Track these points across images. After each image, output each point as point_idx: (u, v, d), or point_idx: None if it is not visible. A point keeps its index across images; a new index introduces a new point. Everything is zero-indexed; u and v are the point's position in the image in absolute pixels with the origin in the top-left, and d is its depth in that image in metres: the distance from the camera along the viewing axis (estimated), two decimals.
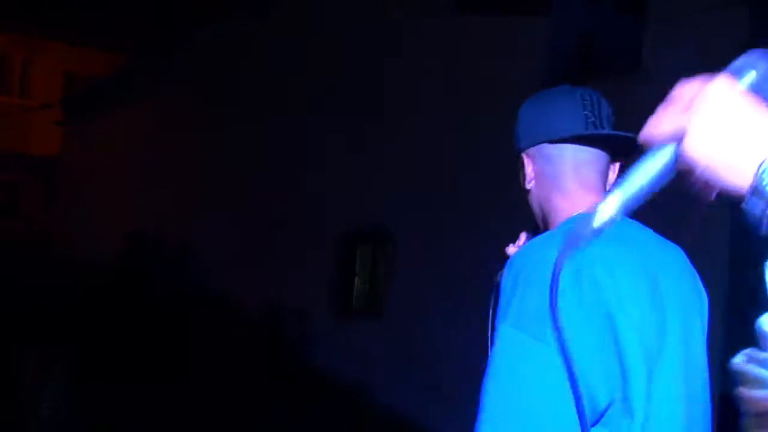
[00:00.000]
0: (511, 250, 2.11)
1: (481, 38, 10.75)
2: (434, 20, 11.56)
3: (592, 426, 1.68)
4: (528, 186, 2.00)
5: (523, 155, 2.01)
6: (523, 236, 2.16)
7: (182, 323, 13.79)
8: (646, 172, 1.19)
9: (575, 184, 1.97)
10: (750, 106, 1.12)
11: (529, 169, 1.99)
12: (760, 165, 1.06)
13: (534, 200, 2.02)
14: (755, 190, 1.07)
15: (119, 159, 21.21)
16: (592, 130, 1.96)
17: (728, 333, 7.63)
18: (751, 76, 1.18)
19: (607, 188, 1.97)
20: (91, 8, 21.40)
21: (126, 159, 20.88)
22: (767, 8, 8.20)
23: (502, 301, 1.75)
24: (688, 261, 2.01)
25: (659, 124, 1.18)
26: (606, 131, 1.97)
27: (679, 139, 1.14)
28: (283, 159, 14.33)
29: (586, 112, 1.98)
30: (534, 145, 1.99)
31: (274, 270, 13.89)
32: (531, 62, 10.02)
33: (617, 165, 2.04)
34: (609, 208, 1.18)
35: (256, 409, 10.93)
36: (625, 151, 1.97)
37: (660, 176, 1.19)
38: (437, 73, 11.35)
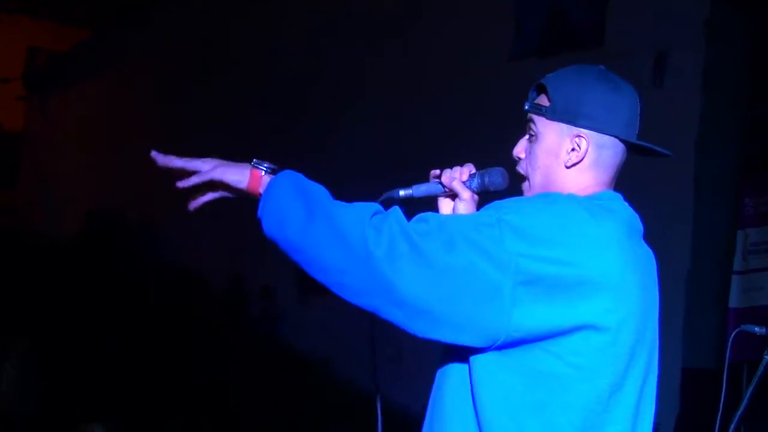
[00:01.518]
0: (456, 183, 2.12)
1: (448, 15, 10.71)
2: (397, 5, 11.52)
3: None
4: (568, 164, 1.97)
5: (581, 132, 1.97)
6: (463, 170, 2.17)
7: (146, 299, 13.70)
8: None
9: (608, 180, 2.02)
10: None
11: (581, 149, 1.97)
12: None
13: (557, 174, 1.99)
14: None
15: (82, 134, 21.01)
16: (655, 146, 2.02)
17: (688, 312, 7.70)
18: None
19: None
20: None
21: (89, 133, 20.69)
22: None
23: (513, 205, 1.85)
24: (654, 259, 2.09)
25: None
26: (667, 151, 2.05)
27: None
28: (247, 134, 14.24)
29: (637, 120, 2.05)
30: (602, 133, 1.98)
31: (240, 245, 13.82)
32: (499, 37, 10.01)
33: None
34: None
35: (221, 383, 10.91)
36: (643, 155, 2.07)
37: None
38: (403, 51, 11.30)
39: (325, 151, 11.84)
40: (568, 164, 1.95)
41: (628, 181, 2.08)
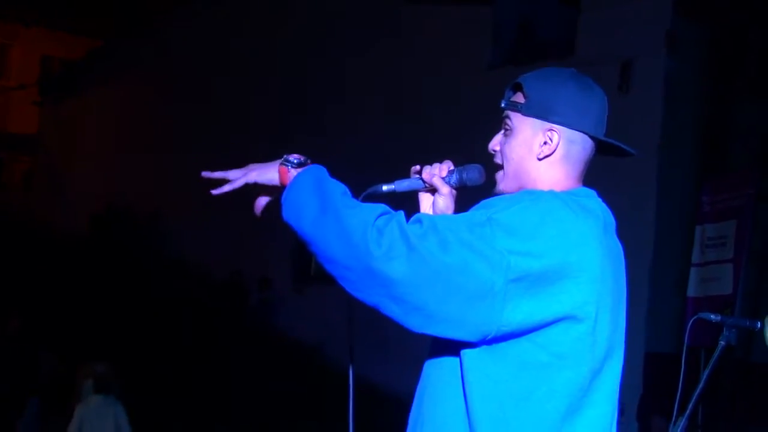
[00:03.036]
0: (436, 179, 2.12)
1: (428, 25, 10.69)
2: (381, 10, 11.49)
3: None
4: (540, 156, 1.97)
5: (551, 128, 1.97)
6: (443, 167, 2.17)
7: (151, 290, 13.65)
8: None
9: (578, 175, 2.02)
10: None
11: (553, 143, 1.97)
12: None
13: (531, 167, 1.99)
14: None
15: (94, 137, 20.92)
16: (620, 143, 2.03)
17: (651, 301, 7.72)
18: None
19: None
20: None
21: (100, 136, 20.61)
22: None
23: (501, 203, 1.86)
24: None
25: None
26: (630, 149, 2.05)
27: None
28: (248, 135, 14.21)
29: (605, 121, 2.05)
30: (572, 129, 1.98)
31: (239, 239, 13.79)
32: (474, 48, 10.00)
33: None
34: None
35: (221, 369, 10.88)
36: (608, 155, 2.07)
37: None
38: (387, 61, 11.28)
39: (312, 155, 11.80)
40: (540, 156, 1.96)
41: (595, 180, 2.07)
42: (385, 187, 2.17)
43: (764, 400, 7.22)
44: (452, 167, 2.15)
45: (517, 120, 2.00)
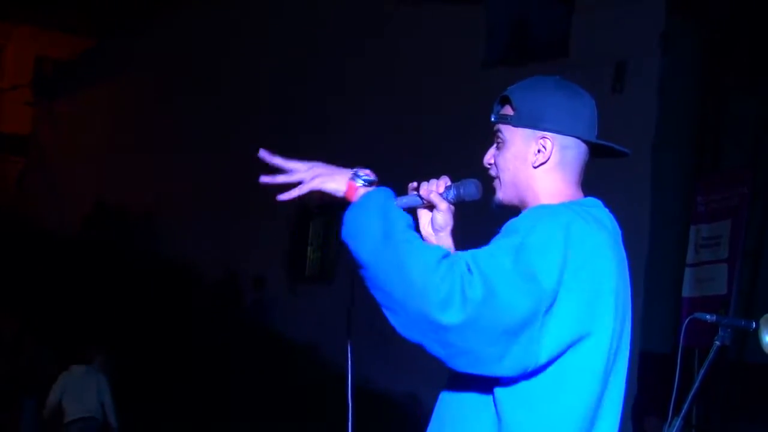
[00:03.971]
0: (433, 196, 2.11)
1: (422, 25, 10.69)
2: (375, 11, 11.49)
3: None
4: (536, 164, 1.98)
5: (545, 135, 1.98)
6: (440, 183, 2.16)
7: (145, 290, 13.62)
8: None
9: (576, 180, 2.03)
10: None
11: (546, 150, 1.98)
12: None
13: (527, 176, 2.00)
14: None
15: (87, 136, 20.87)
16: (615, 144, 2.03)
17: (646, 301, 7.73)
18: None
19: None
20: None
21: (93, 136, 20.56)
22: (681, 0, 8.26)
23: (515, 230, 1.86)
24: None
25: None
26: (625, 149, 2.05)
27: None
28: (243, 135, 14.19)
29: (596, 124, 2.05)
30: (564, 134, 1.99)
31: (234, 239, 13.78)
32: (469, 48, 10.00)
33: None
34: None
35: (216, 368, 10.86)
36: (603, 157, 2.08)
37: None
38: (382, 61, 11.28)
39: (310, 154, 11.80)
40: (536, 165, 1.97)
41: (589, 181, 2.08)
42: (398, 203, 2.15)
43: (759, 400, 7.23)
44: (449, 182, 2.15)
45: (508, 132, 2.02)
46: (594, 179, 2.16)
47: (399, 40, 11.12)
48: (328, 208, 11.54)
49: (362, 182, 1.97)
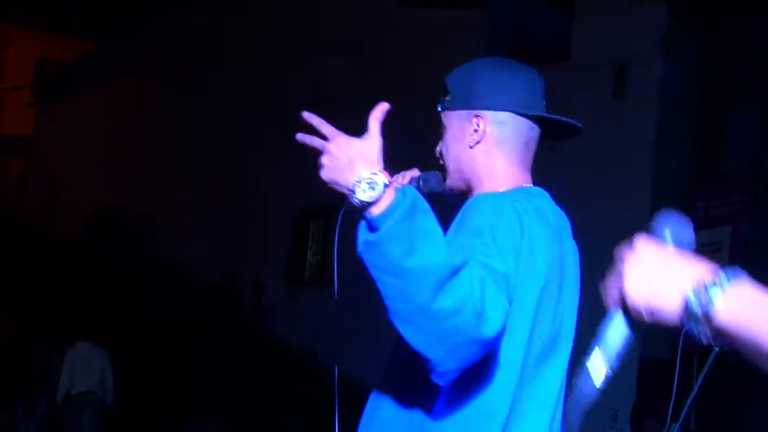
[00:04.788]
0: (399, 179, 2.08)
1: (423, 30, 10.69)
2: (375, 14, 11.49)
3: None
4: (472, 144, 1.95)
5: (476, 114, 1.94)
6: (407, 174, 2.12)
7: (144, 293, 13.60)
8: (615, 333, 1.34)
9: (519, 159, 1.97)
10: (671, 253, 1.30)
11: (480, 128, 1.94)
12: (687, 296, 1.21)
13: (467, 158, 1.97)
14: (687, 312, 1.22)
15: (88, 138, 20.88)
16: (551, 115, 1.96)
17: None
18: (667, 233, 1.33)
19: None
20: None
21: (94, 138, 20.57)
22: (683, 4, 8.24)
23: (475, 221, 1.77)
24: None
25: (609, 292, 1.32)
26: (570, 120, 1.97)
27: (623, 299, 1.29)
28: (244, 140, 14.19)
29: (542, 93, 1.99)
30: (497, 110, 1.94)
31: (232, 243, 13.76)
32: (471, 52, 9.97)
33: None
34: (599, 365, 1.33)
35: (215, 373, 10.84)
36: (560, 137, 2.00)
37: (624, 335, 1.35)
38: (382, 65, 11.27)
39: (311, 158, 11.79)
40: (472, 144, 1.94)
41: (589, 185, 2.06)
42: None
43: (757, 405, 7.21)
44: (416, 174, 2.12)
45: (446, 118, 2.01)
46: (594, 185, 2.14)
47: (401, 44, 11.11)
48: (328, 211, 11.52)
49: (364, 197, 1.69)
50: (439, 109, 2.02)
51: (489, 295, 1.63)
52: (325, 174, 1.80)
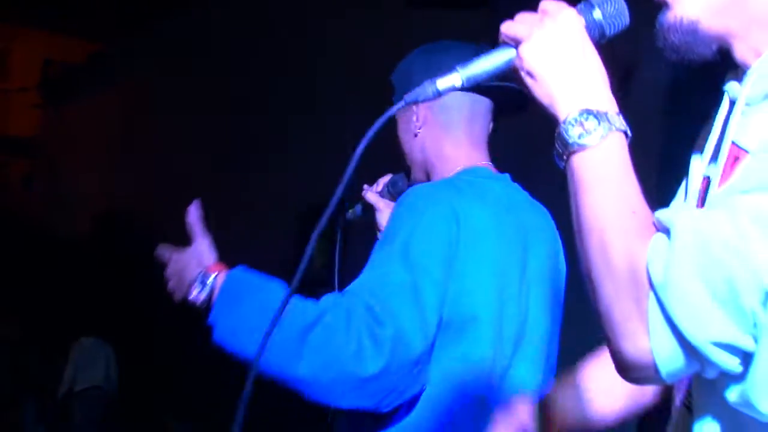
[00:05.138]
0: (369, 195, 2.07)
1: (427, 30, 10.64)
2: (381, 15, 11.46)
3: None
4: (416, 131, 1.93)
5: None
6: (381, 181, 2.12)
7: (151, 293, 13.59)
8: (488, 61, 1.23)
9: (466, 136, 1.95)
10: (584, 42, 1.16)
11: (420, 114, 1.92)
12: (566, 118, 1.05)
13: (417, 147, 1.96)
14: (558, 134, 1.07)
15: (94, 140, 20.91)
16: (481, 81, 1.92)
17: None
18: (597, 13, 1.21)
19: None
20: None
21: (101, 140, 20.59)
22: None
23: (394, 227, 1.71)
24: (554, 226, 2.01)
25: (513, 25, 1.21)
26: (512, 84, 1.91)
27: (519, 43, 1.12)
28: (245, 140, 14.18)
29: None
30: None
31: (234, 247, 13.72)
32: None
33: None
34: (453, 79, 1.22)
35: (219, 372, 10.81)
36: (513, 108, 1.97)
37: (498, 67, 1.22)
38: (386, 65, 11.23)
39: (312, 158, 11.78)
40: (416, 131, 1.92)
41: None
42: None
43: None
44: (388, 179, 2.10)
45: (397, 115, 2.00)
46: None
47: (403, 45, 11.08)
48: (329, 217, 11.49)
49: (201, 296, 1.82)
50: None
51: (367, 331, 1.59)
52: (171, 287, 1.91)
